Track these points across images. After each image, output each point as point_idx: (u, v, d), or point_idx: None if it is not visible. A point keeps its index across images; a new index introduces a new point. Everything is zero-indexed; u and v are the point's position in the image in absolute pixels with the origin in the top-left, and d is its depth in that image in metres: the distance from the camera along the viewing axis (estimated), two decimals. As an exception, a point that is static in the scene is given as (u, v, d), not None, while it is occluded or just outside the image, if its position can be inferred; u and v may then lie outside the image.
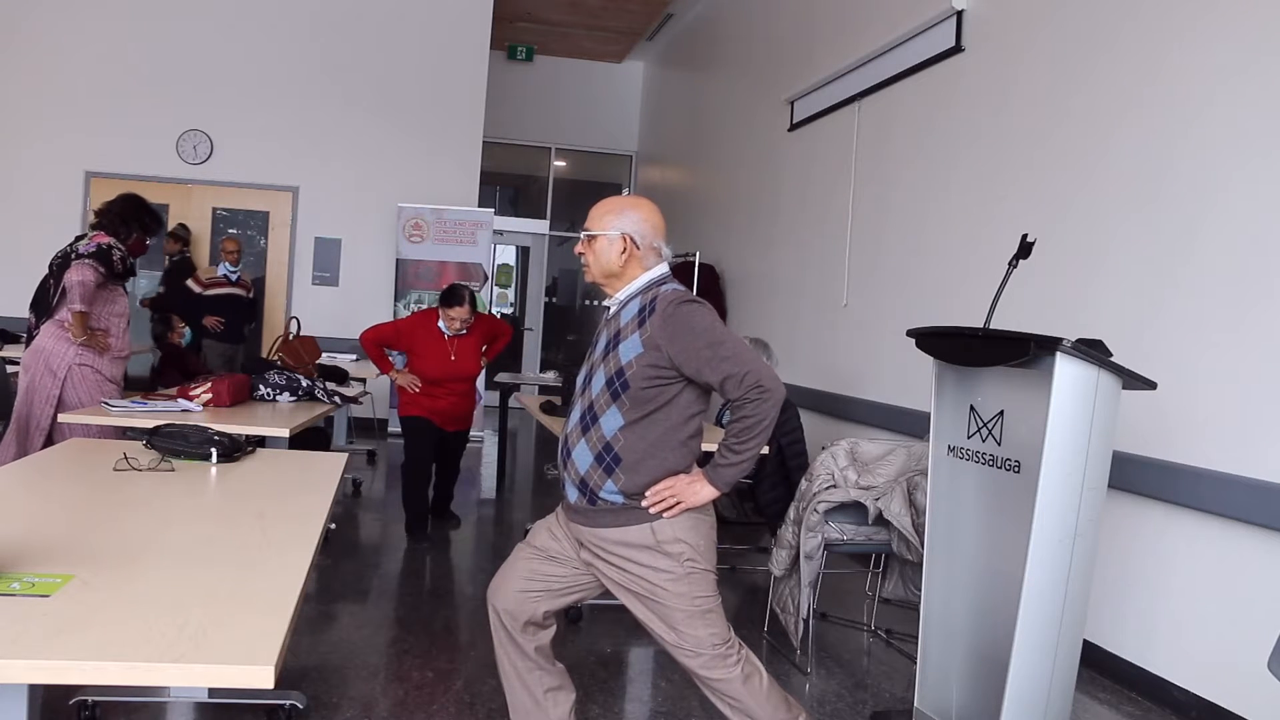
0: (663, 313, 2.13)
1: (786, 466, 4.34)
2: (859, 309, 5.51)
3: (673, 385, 2.16)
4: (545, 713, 2.35)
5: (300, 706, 2.76)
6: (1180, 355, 3.26)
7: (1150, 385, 2.60)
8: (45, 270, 4.29)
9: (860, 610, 4.22)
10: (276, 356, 5.92)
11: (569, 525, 2.30)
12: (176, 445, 2.77)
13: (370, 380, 6.53)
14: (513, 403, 6.92)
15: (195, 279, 7.51)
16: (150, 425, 3.01)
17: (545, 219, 11.32)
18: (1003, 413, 2.58)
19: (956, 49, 4.67)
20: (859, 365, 5.44)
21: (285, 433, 3.64)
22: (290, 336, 6.46)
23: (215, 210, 8.71)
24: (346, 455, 3.07)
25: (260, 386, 4.37)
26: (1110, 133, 3.67)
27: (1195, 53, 3.32)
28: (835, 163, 5.88)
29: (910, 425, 4.56)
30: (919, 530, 3.22)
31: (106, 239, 4.13)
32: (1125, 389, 2.55)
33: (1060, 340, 2.38)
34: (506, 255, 11.32)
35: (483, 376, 5.57)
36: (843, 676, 3.47)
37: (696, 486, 2.16)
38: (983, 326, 2.69)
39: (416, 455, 5.08)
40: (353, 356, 7.32)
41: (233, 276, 7.51)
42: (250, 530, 2.05)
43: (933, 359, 2.82)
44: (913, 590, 3.56)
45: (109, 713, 2.71)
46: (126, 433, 3.73)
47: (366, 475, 6.76)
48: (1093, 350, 2.43)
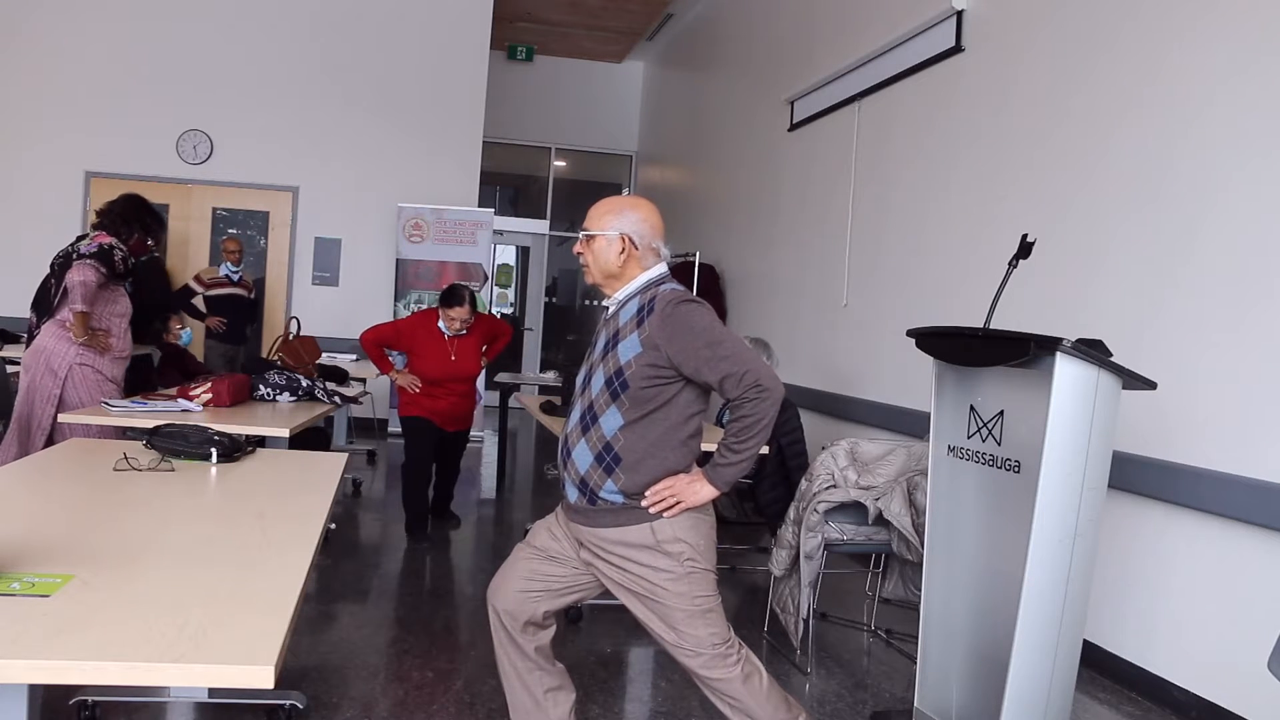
0: (661, 312, 2.13)
1: (786, 466, 4.34)
2: (859, 309, 5.51)
3: (672, 385, 2.16)
4: (545, 713, 2.35)
5: (300, 706, 2.76)
6: (1180, 355, 3.26)
7: (1150, 385, 2.60)
8: (46, 270, 4.29)
9: (860, 610, 4.22)
10: (276, 356, 5.92)
11: (569, 525, 2.30)
12: (176, 445, 2.77)
13: (370, 380, 6.53)
14: (513, 403, 6.92)
15: (197, 278, 7.52)
16: (150, 425, 3.02)
17: (545, 219, 11.32)
18: (1003, 413, 2.58)
19: (956, 49, 4.67)
20: (859, 365, 5.44)
21: (285, 433, 3.64)
22: (290, 336, 6.45)
23: (215, 210, 8.71)
24: (346, 455, 3.07)
25: (260, 386, 4.37)
26: (1110, 133, 3.67)
27: (1195, 53, 3.32)
28: (835, 163, 5.88)
29: (910, 425, 4.56)
30: (919, 530, 3.22)
31: (108, 239, 4.13)
32: (1125, 389, 2.55)
33: (1060, 340, 2.38)
34: (506, 255, 11.33)
35: (483, 376, 5.57)
36: (843, 676, 3.47)
37: (696, 486, 2.16)
38: (983, 326, 2.69)
39: (416, 455, 5.08)
40: (353, 356, 7.32)
41: (234, 276, 7.51)
42: (250, 530, 2.05)
43: (933, 359, 2.82)
44: (913, 590, 3.56)
45: (109, 713, 2.71)
46: (126, 433, 3.73)
47: (366, 475, 6.76)
48: (1093, 350, 2.43)
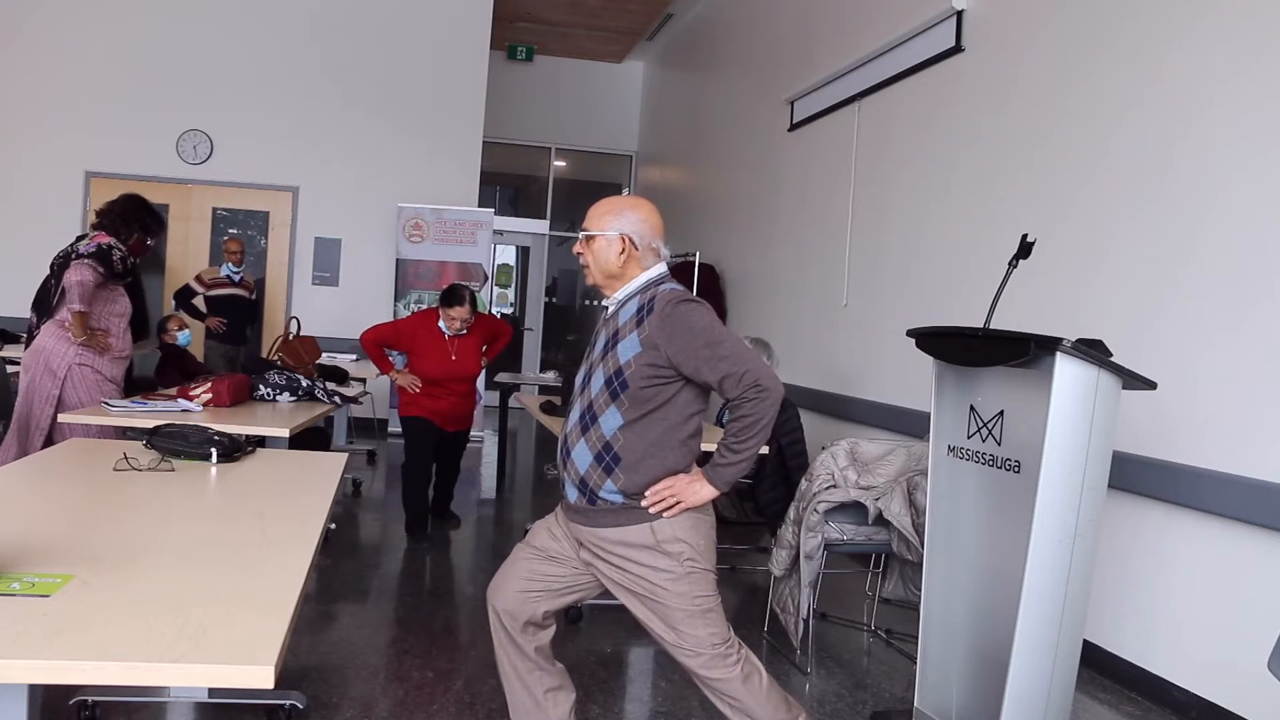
0: (661, 312, 2.13)
1: (786, 466, 4.34)
2: (859, 309, 5.51)
3: (671, 384, 2.16)
4: (545, 713, 2.35)
5: (300, 706, 2.76)
6: (1180, 355, 3.26)
7: (1150, 385, 2.60)
8: (46, 270, 4.29)
9: (860, 610, 4.21)
10: (276, 356, 5.92)
11: (569, 525, 2.30)
12: (176, 445, 2.77)
13: (370, 380, 6.53)
14: (513, 403, 6.92)
15: (198, 279, 7.51)
16: (150, 425, 3.02)
17: (545, 219, 11.32)
18: (1003, 413, 2.58)
19: (956, 49, 4.67)
20: (859, 365, 5.44)
21: (285, 433, 3.64)
22: (290, 336, 6.45)
23: (215, 210, 8.71)
24: (346, 455, 3.07)
25: (260, 386, 4.37)
26: (1110, 133, 3.67)
27: (1195, 53, 3.32)
28: (835, 163, 5.88)
29: (910, 425, 4.56)
30: (919, 530, 3.22)
31: (107, 239, 4.13)
32: (1125, 389, 2.55)
33: (1060, 340, 2.38)
34: (506, 255, 11.32)
35: (483, 376, 5.57)
36: (843, 676, 3.47)
37: (696, 486, 2.16)
38: (983, 326, 2.69)
39: (417, 455, 5.08)
40: (353, 356, 7.32)
41: (235, 277, 7.50)
42: (250, 530, 2.04)
43: (933, 359, 2.82)
44: (913, 590, 3.56)
45: (109, 713, 2.71)
46: (126, 433, 3.73)
47: (366, 475, 6.76)
48: (1093, 350, 2.43)
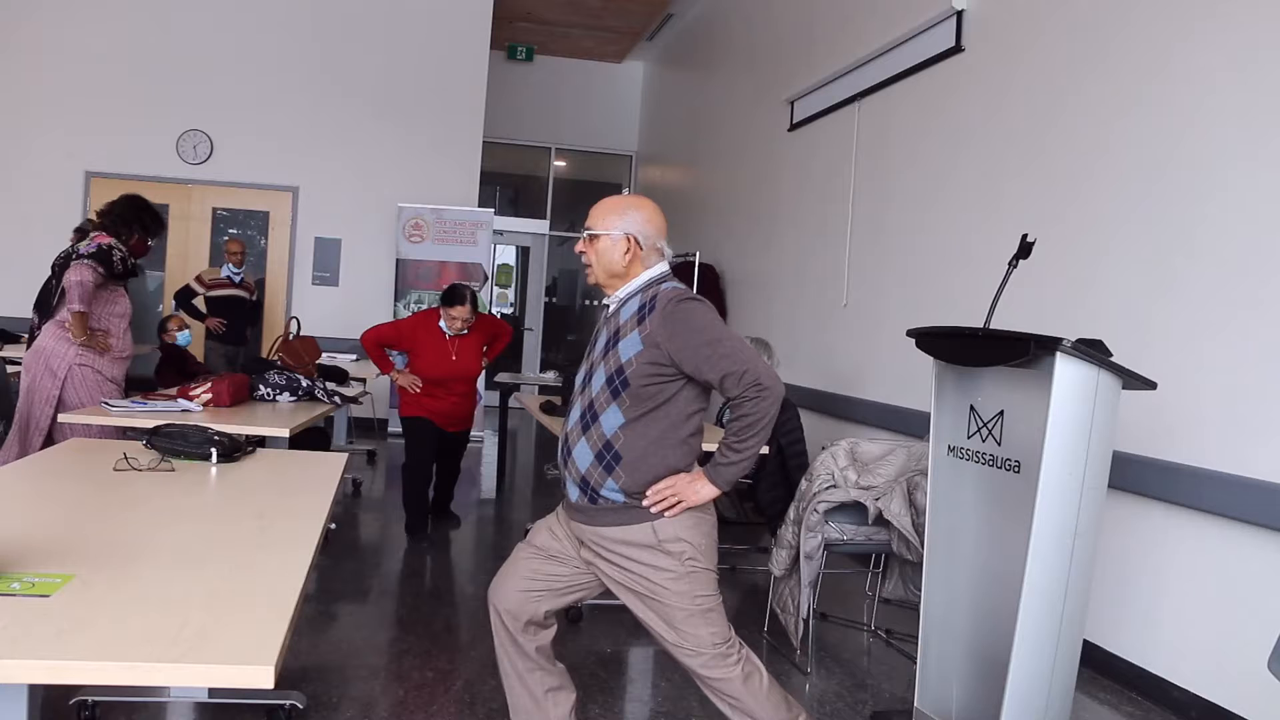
0: (663, 310, 2.13)
1: (786, 466, 4.34)
2: (859, 309, 5.51)
3: (673, 383, 2.16)
4: (545, 713, 2.35)
5: (300, 706, 2.76)
6: (1180, 355, 3.26)
7: (1150, 385, 2.60)
8: (46, 271, 4.29)
9: (860, 610, 4.21)
10: (276, 356, 5.91)
11: (569, 524, 2.30)
12: (176, 445, 2.77)
13: (370, 380, 6.53)
14: (513, 403, 6.92)
15: (198, 279, 7.51)
16: (150, 425, 3.02)
17: (545, 219, 11.32)
18: (1003, 413, 2.58)
19: (956, 49, 4.67)
20: (859, 365, 5.44)
21: (285, 433, 3.64)
22: (290, 336, 6.45)
23: (215, 210, 8.72)
24: (346, 455, 3.06)
25: (260, 386, 4.37)
26: (1110, 133, 3.67)
27: (1195, 53, 3.32)
28: (835, 163, 5.88)
29: (910, 425, 4.56)
30: (919, 530, 3.22)
31: (107, 239, 4.13)
32: (1125, 389, 2.55)
33: (1060, 340, 2.38)
34: (506, 255, 11.32)
35: (483, 377, 5.57)
36: (843, 676, 3.47)
37: (697, 485, 2.16)
38: (983, 326, 2.69)
39: (417, 455, 5.08)
40: (353, 356, 7.32)
41: (236, 278, 7.48)
42: (250, 530, 2.05)
43: (933, 359, 2.82)
44: (913, 590, 3.56)
45: (109, 713, 2.71)
46: (126, 433, 3.73)
47: (366, 475, 6.76)
48: (1093, 350, 2.43)
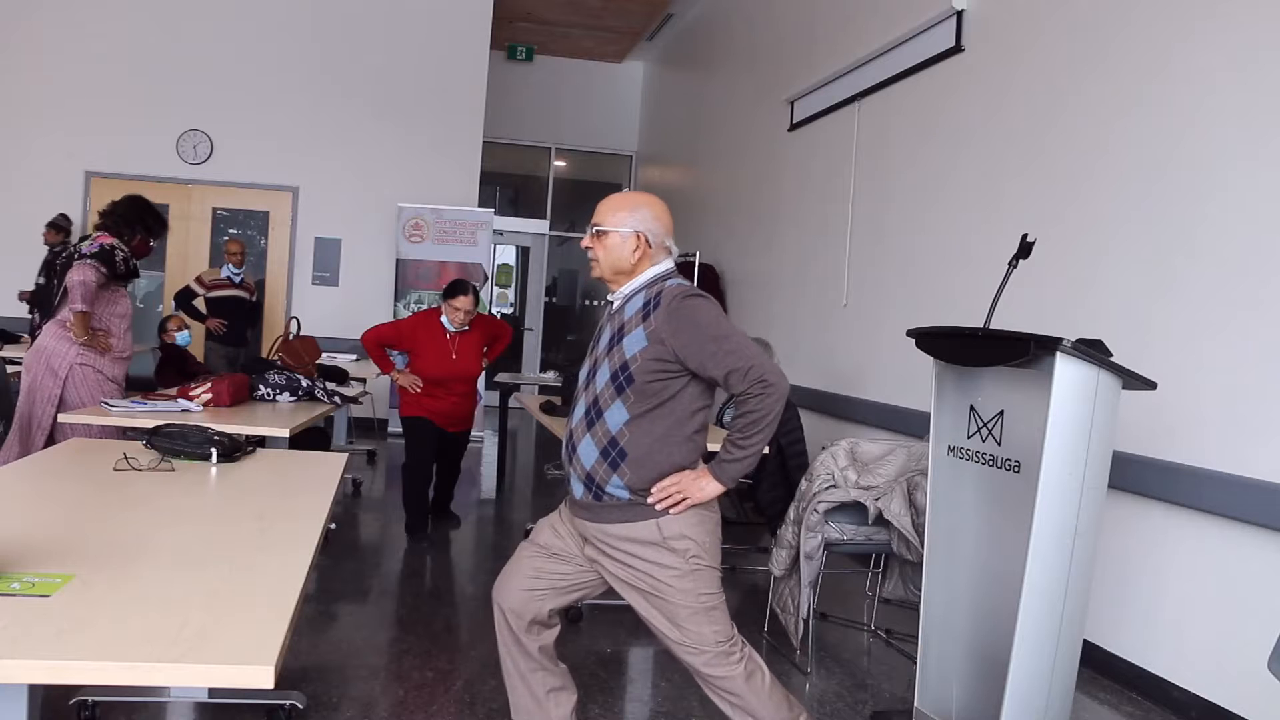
0: (668, 307, 2.13)
1: (786, 466, 4.34)
2: (859, 309, 5.51)
3: (677, 379, 2.16)
4: (546, 713, 2.35)
5: (300, 706, 2.76)
6: (1180, 355, 3.26)
7: (1150, 385, 2.60)
8: (46, 270, 4.29)
9: (860, 610, 4.21)
10: (276, 356, 5.91)
11: (573, 521, 2.30)
12: (176, 445, 2.77)
13: (370, 380, 6.53)
14: (513, 403, 6.92)
15: (198, 279, 7.50)
16: (150, 425, 3.01)
17: (545, 219, 11.32)
18: (1003, 413, 2.58)
19: (956, 49, 4.67)
20: (859, 365, 5.44)
21: (285, 433, 3.64)
22: (290, 336, 6.45)
23: (215, 210, 8.72)
24: (346, 455, 3.06)
25: (260, 386, 4.37)
26: (1110, 132, 3.67)
27: (1195, 53, 3.32)
28: (835, 163, 5.88)
29: (910, 425, 4.56)
30: (919, 530, 3.22)
31: (110, 239, 4.13)
32: (1125, 389, 2.55)
33: (1060, 340, 2.38)
34: (506, 255, 11.32)
35: (483, 377, 5.57)
36: (843, 676, 3.47)
37: (702, 482, 2.16)
38: (983, 326, 2.69)
39: (417, 455, 5.08)
40: (353, 356, 7.32)
41: (236, 278, 7.48)
42: (250, 530, 2.05)
43: (933, 359, 2.82)
44: (913, 590, 3.56)
45: (109, 713, 2.71)
46: (127, 433, 3.73)
47: (366, 475, 6.76)
48: (1093, 350, 2.43)
